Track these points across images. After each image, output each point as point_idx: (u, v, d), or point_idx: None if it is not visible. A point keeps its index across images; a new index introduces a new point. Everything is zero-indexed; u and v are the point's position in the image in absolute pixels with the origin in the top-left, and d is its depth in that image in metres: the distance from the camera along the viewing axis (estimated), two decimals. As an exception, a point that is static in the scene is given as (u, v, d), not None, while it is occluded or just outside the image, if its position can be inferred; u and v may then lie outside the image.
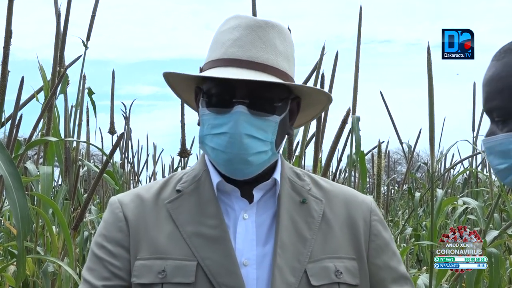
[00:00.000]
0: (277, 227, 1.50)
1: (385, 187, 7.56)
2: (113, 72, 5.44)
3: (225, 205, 1.53)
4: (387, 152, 7.93)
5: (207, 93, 1.50)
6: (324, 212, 1.55)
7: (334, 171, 5.68)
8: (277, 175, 1.55)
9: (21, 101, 3.42)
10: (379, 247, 1.57)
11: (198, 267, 1.46)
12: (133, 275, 1.49)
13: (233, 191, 1.53)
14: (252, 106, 1.46)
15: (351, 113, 3.64)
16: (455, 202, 5.14)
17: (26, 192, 3.23)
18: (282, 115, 1.50)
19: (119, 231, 1.53)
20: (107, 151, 3.78)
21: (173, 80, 1.58)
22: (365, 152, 4.08)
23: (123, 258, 1.51)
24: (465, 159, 6.84)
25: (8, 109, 3.36)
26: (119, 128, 5.61)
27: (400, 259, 1.61)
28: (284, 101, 1.51)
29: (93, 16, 4.11)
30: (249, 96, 1.46)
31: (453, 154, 8.64)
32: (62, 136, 3.88)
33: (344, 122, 3.46)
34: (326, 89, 3.44)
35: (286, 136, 1.56)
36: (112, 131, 5.46)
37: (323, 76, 3.40)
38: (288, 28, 2.85)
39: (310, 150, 3.94)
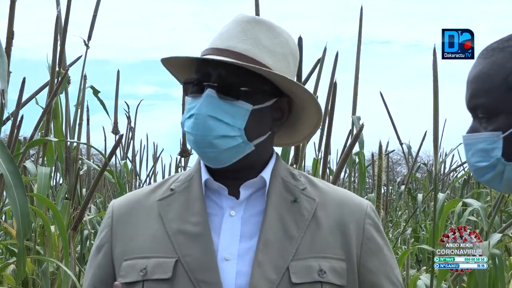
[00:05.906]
0: (262, 224, 1.50)
1: (385, 188, 7.57)
2: (118, 72, 5.41)
3: (213, 203, 1.55)
4: (387, 153, 7.93)
5: (191, 82, 1.54)
6: (315, 211, 1.54)
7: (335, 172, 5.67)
8: (266, 173, 1.56)
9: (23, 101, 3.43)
10: (370, 251, 1.55)
11: (178, 264, 1.48)
12: (119, 275, 1.53)
13: (221, 189, 1.55)
14: (221, 90, 1.49)
15: (351, 113, 3.64)
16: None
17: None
18: (259, 106, 1.52)
19: (104, 237, 1.59)
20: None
21: (171, 69, 1.62)
22: (364, 153, 4.07)
23: (101, 267, 1.57)
24: (466, 162, 6.83)
25: (10, 109, 3.37)
26: (122, 128, 5.60)
27: (393, 266, 1.59)
28: (262, 92, 1.52)
29: (94, 16, 4.10)
30: (220, 80, 1.50)
31: (453, 155, 8.63)
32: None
33: (356, 137, 3.42)
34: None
35: (270, 132, 1.56)
36: (115, 131, 5.42)
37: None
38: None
39: (309, 151, 3.94)
